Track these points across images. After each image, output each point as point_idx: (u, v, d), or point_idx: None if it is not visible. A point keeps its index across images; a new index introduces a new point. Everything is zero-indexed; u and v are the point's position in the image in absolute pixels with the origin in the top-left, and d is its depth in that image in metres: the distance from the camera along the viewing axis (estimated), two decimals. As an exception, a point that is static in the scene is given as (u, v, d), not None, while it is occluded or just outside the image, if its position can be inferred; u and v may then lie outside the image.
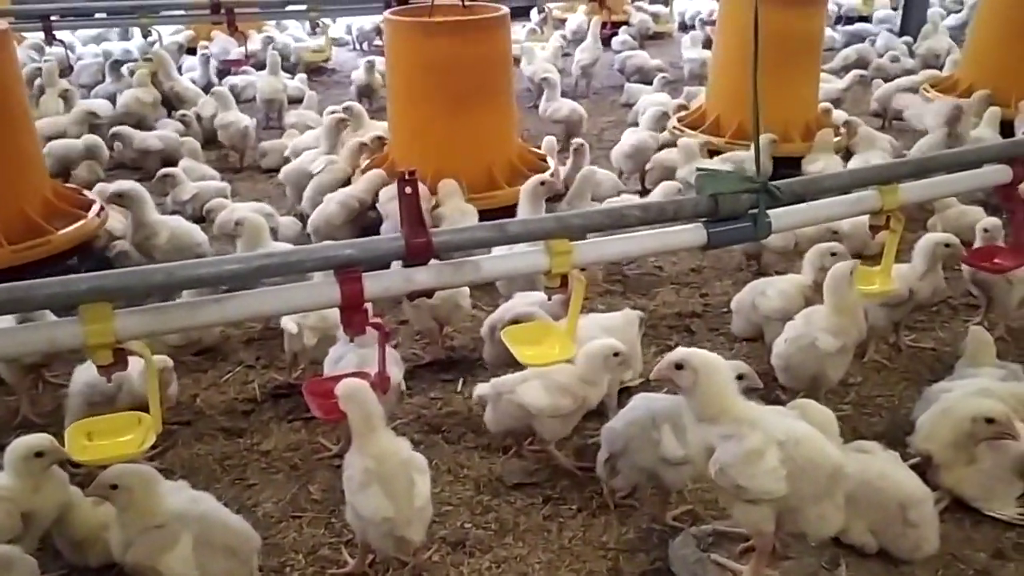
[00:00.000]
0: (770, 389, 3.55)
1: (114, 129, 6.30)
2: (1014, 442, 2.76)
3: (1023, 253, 3.79)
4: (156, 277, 2.46)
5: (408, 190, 2.71)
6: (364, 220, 4.95)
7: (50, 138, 6.12)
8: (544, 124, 7.36)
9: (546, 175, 4.56)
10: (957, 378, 3.44)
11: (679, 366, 2.35)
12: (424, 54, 5.03)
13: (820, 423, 2.49)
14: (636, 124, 6.81)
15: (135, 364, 2.58)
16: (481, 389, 3.21)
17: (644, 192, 5.83)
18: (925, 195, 3.64)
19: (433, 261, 2.78)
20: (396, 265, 2.82)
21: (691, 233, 3.13)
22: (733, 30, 6.08)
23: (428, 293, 2.86)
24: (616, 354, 3.08)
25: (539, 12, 10.06)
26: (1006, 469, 2.83)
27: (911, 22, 10.42)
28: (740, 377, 2.71)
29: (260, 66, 8.35)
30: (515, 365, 3.13)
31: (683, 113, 6.68)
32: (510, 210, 4.71)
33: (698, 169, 3.38)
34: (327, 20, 8.90)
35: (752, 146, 3.36)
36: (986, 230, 3.98)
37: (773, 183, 3.19)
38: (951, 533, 2.81)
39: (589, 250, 2.99)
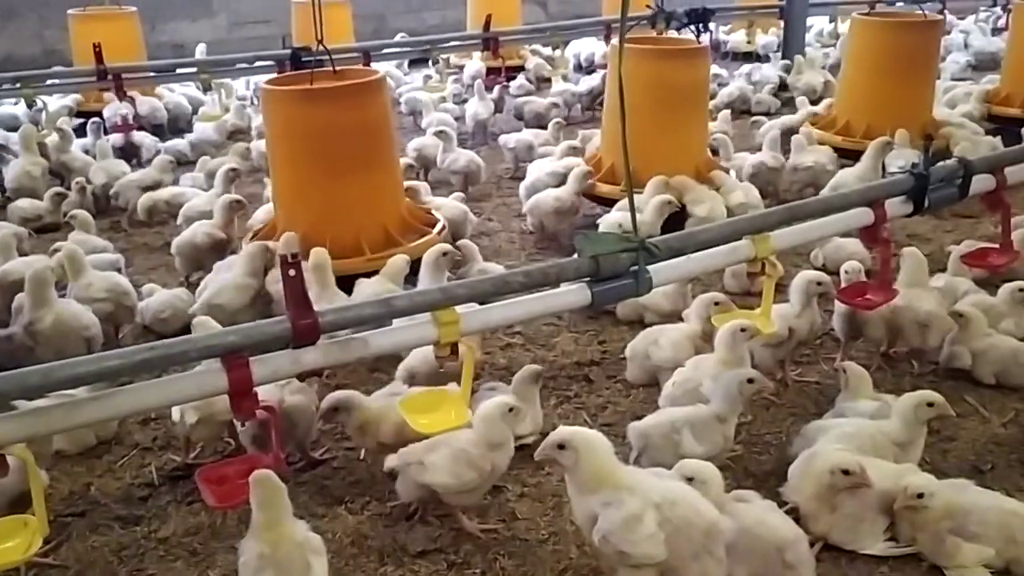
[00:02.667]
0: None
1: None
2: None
3: (890, 289, 4.05)
4: (32, 380, 2.43)
5: (291, 272, 2.74)
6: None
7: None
8: (444, 174, 7.45)
9: (448, 246, 4.64)
10: (836, 414, 3.64)
11: (561, 446, 2.45)
12: (303, 122, 5.04)
13: (705, 480, 2.61)
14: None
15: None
16: (390, 461, 3.22)
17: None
18: (796, 241, 3.85)
19: (321, 340, 2.82)
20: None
21: (575, 294, 3.25)
22: (623, 79, 6.29)
23: (318, 372, 2.88)
24: (511, 409, 3.14)
25: (433, 63, 10.19)
26: (869, 509, 2.98)
27: (791, 56, 10.90)
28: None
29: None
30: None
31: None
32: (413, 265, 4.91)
33: (576, 232, 3.51)
34: (220, 81, 8.83)
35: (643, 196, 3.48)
36: (847, 271, 4.21)
37: (651, 240, 3.34)
38: (828, 572, 2.94)
39: (476, 318, 3.08)
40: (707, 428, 3.33)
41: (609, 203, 5.94)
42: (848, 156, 6.81)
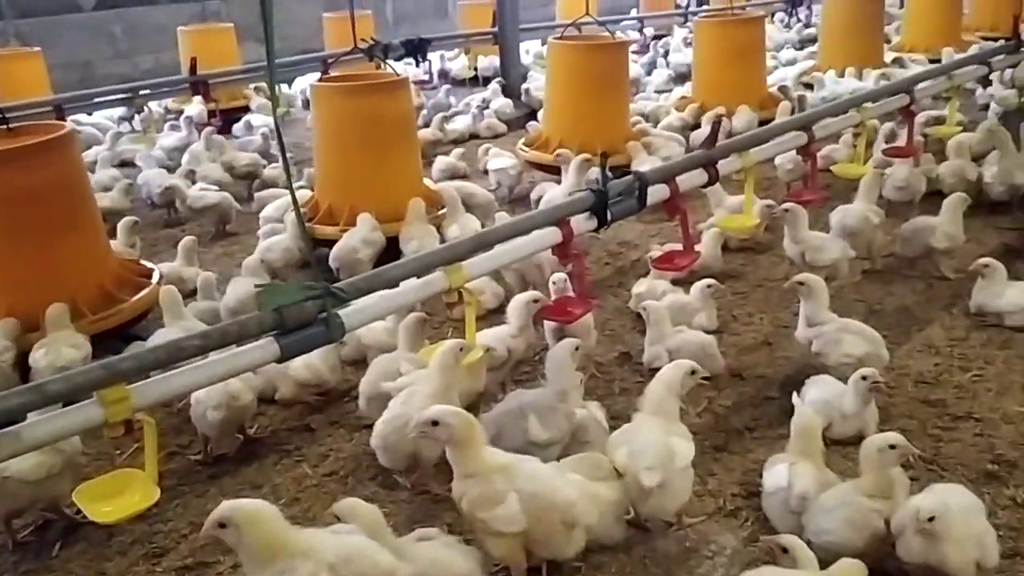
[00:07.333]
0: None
1: None
2: None
3: (587, 301, 4.24)
4: None
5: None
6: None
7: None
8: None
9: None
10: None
11: (222, 524, 2.32)
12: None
13: (370, 523, 2.59)
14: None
15: None
16: None
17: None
18: (489, 267, 3.94)
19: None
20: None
21: (262, 350, 3.12)
22: (328, 117, 6.24)
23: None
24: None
25: (138, 112, 9.64)
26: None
27: (510, 78, 11.35)
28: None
29: None
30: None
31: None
32: (138, 321, 4.84)
33: (256, 285, 3.39)
34: None
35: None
36: (554, 283, 4.41)
37: (336, 285, 3.29)
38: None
39: (150, 390, 2.87)
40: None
41: (328, 244, 5.81)
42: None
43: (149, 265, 5.47)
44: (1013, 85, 7.91)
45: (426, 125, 9.78)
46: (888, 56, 11.02)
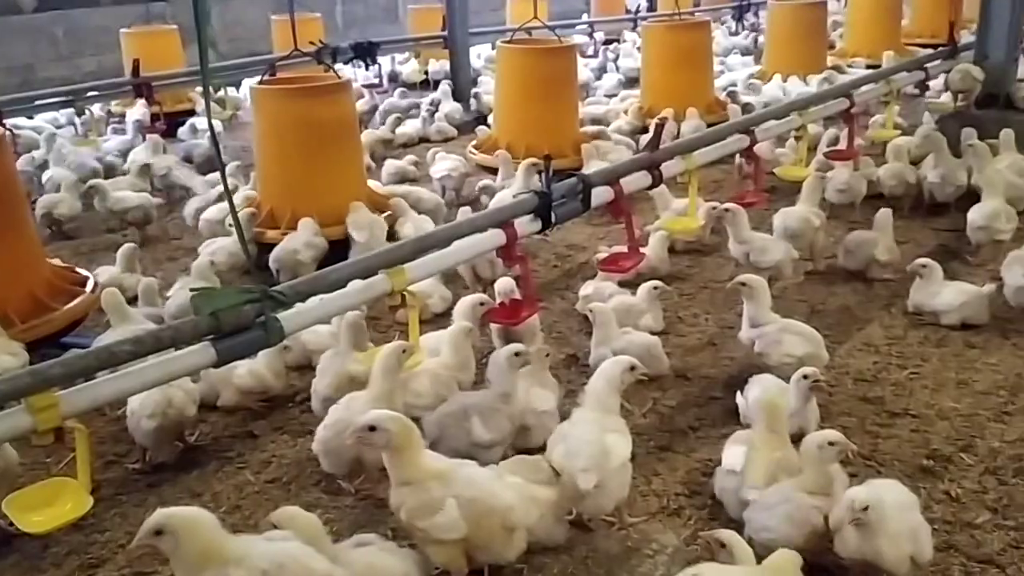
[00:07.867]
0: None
1: None
2: None
3: (533, 304, 4.25)
4: None
5: None
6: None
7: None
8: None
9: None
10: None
11: (158, 532, 2.27)
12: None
13: (309, 531, 2.57)
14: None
15: None
16: None
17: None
18: (432, 269, 3.93)
19: None
20: None
21: (198, 354, 3.08)
22: (268, 120, 6.17)
23: None
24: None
25: (79, 114, 9.44)
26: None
27: (460, 82, 11.33)
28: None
29: None
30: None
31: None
32: (70, 329, 4.69)
33: (191, 290, 3.33)
34: None
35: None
36: (500, 290, 4.40)
37: (275, 288, 3.25)
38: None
39: (81, 396, 2.81)
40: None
41: (271, 249, 5.74)
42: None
43: (84, 272, 5.34)
44: (947, 89, 8.07)
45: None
46: (830, 62, 11.23)
